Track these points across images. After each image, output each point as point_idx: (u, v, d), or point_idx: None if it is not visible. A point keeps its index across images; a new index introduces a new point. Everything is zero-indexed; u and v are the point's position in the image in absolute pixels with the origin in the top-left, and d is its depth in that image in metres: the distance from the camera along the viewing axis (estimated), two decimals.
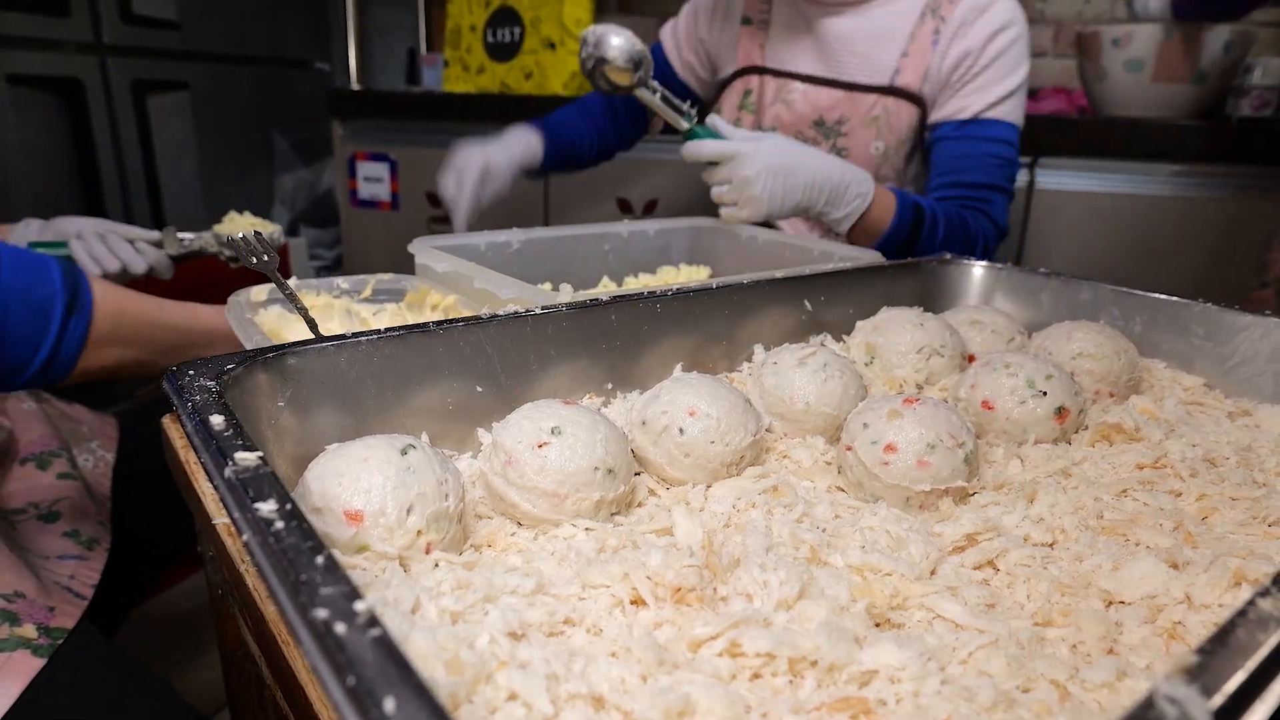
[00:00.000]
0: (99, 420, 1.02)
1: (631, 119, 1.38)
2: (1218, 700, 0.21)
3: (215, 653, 0.64)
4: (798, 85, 1.18)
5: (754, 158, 0.93)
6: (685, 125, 1.01)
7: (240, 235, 0.57)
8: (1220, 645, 0.24)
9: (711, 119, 0.99)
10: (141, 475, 0.99)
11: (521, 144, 1.19)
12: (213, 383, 0.40)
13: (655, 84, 1.02)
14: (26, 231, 0.93)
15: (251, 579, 0.41)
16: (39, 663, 0.64)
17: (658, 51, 1.33)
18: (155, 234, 0.96)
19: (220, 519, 0.47)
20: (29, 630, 0.66)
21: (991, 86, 1.10)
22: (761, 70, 1.21)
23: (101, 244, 0.92)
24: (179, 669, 1.34)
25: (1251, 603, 0.26)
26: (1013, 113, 1.12)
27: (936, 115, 1.14)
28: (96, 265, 0.91)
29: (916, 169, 1.19)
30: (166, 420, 0.57)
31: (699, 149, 0.96)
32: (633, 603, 0.37)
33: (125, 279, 0.94)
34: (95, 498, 0.89)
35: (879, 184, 1.01)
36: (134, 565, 0.98)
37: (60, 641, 0.67)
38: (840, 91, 1.16)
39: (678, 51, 1.33)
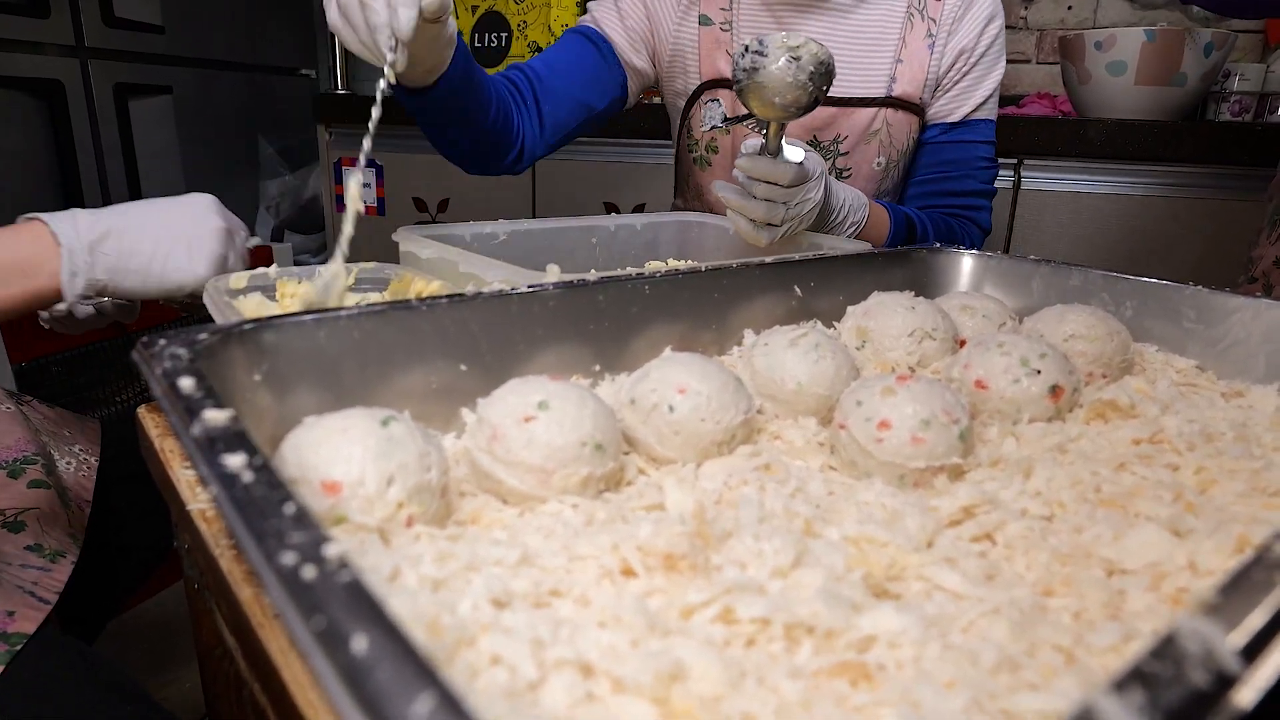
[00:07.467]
0: (82, 424, 1.00)
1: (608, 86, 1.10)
2: (1240, 637, 0.20)
3: (194, 664, 0.62)
4: None
5: (817, 187, 0.84)
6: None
7: None
8: (1240, 585, 0.23)
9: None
10: (120, 482, 0.97)
11: None
12: (184, 350, 0.38)
13: None
14: None
15: (227, 563, 0.39)
16: None
17: (591, 32, 1.09)
18: None
19: (195, 504, 0.45)
20: None
21: (980, 84, 1.07)
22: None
23: None
24: (158, 680, 1.31)
25: (1268, 547, 0.25)
26: (995, 109, 1.11)
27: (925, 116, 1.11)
28: None
29: (902, 176, 1.16)
30: (142, 411, 0.55)
31: (792, 170, 0.81)
32: (622, 573, 0.36)
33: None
34: (71, 505, 0.86)
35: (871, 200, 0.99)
36: (112, 574, 0.96)
37: (19, 647, 0.65)
38: (834, 107, 1.05)
39: (621, 25, 1.09)
